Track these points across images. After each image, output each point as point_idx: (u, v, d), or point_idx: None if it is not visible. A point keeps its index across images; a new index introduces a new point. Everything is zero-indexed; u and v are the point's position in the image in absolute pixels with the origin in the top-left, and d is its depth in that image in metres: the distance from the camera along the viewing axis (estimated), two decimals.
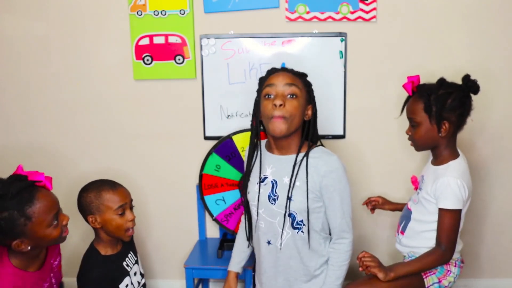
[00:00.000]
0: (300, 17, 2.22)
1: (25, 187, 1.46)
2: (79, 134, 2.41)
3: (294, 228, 1.63)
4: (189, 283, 2.18)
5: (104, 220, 1.68)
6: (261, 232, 1.69)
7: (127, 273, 1.75)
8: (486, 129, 2.30)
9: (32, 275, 1.56)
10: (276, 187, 1.64)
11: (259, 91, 1.67)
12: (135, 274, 1.80)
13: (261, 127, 1.74)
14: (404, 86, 1.79)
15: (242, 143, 2.25)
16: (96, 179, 1.77)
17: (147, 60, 2.30)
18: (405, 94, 2.27)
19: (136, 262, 1.84)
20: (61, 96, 2.38)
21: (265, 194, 1.66)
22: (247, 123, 2.32)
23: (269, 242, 1.68)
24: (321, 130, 2.26)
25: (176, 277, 2.50)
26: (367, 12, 2.19)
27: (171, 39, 2.27)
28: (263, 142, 1.77)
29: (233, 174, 2.29)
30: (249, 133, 2.22)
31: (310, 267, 1.66)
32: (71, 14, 2.29)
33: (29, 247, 1.45)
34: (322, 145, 1.72)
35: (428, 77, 2.26)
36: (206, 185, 2.31)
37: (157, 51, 2.28)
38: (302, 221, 1.62)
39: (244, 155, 2.28)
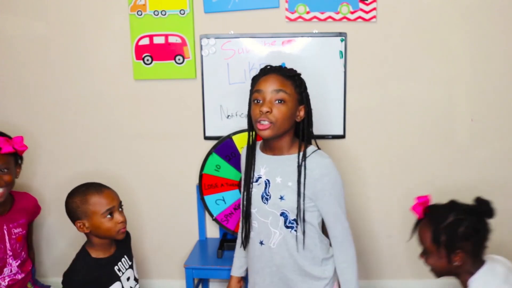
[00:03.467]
0: (300, 17, 2.22)
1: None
2: (79, 134, 2.41)
3: (286, 227, 1.63)
4: (189, 283, 2.18)
5: (92, 225, 1.65)
6: (255, 232, 1.70)
7: (117, 278, 1.71)
8: (486, 129, 2.30)
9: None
10: (269, 186, 1.65)
11: (250, 94, 1.67)
12: (128, 279, 1.76)
13: None
14: (412, 209, 1.63)
15: (242, 143, 2.25)
16: (82, 183, 1.74)
17: (147, 60, 2.30)
18: (406, 95, 2.29)
19: (131, 266, 1.80)
20: (61, 96, 2.38)
21: (258, 194, 1.67)
22: (247, 123, 2.32)
23: (261, 242, 1.68)
24: (321, 130, 2.28)
25: (176, 277, 2.50)
26: (367, 12, 2.19)
27: (171, 39, 2.27)
28: (258, 143, 1.77)
29: (233, 174, 2.29)
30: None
31: (305, 266, 1.66)
32: (71, 14, 2.29)
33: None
34: (317, 146, 1.71)
35: (428, 77, 2.27)
36: (206, 185, 2.31)
37: (157, 51, 2.28)
38: (294, 220, 1.62)
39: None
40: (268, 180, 1.66)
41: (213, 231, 2.47)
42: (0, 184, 1.87)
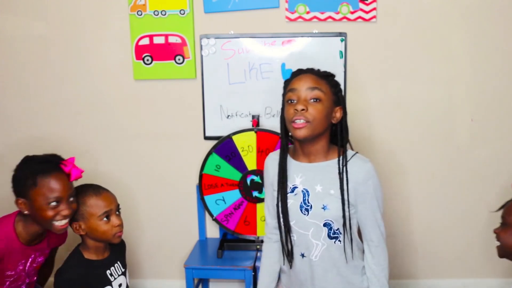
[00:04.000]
0: (300, 17, 2.22)
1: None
2: (79, 134, 2.41)
3: (330, 238, 1.54)
4: (189, 283, 2.18)
5: (88, 227, 1.64)
6: (294, 245, 1.59)
7: (109, 283, 1.69)
8: (486, 129, 2.30)
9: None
10: (308, 196, 1.55)
11: (283, 95, 1.59)
12: (119, 286, 1.74)
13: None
14: None
15: (242, 143, 2.26)
16: (80, 184, 1.73)
17: (147, 60, 2.30)
18: (406, 95, 2.29)
19: (123, 274, 1.77)
20: (61, 96, 2.38)
21: (296, 205, 1.55)
22: (247, 123, 2.32)
23: (303, 255, 1.58)
24: None
25: (176, 277, 2.50)
26: (367, 12, 2.19)
27: (171, 39, 2.27)
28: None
29: (233, 174, 2.29)
30: (248, 133, 2.25)
31: (348, 277, 1.58)
32: (71, 14, 2.29)
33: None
34: (352, 149, 1.64)
35: (428, 77, 2.27)
36: (206, 185, 2.31)
37: (157, 51, 2.28)
38: (338, 229, 1.54)
39: (245, 155, 2.27)
40: (306, 190, 1.55)
41: (213, 231, 2.47)
42: (68, 214, 1.64)
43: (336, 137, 1.58)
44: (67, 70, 2.35)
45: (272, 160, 1.65)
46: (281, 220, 1.58)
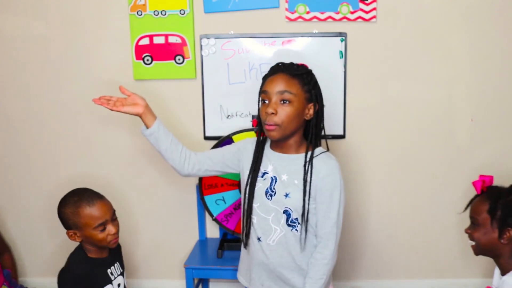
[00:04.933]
0: (300, 17, 2.22)
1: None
2: (79, 134, 2.41)
3: (288, 225, 1.63)
4: (189, 283, 2.18)
5: (84, 235, 1.64)
6: (253, 227, 1.68)
7: (109, 281, 1.71)
8: (486, 129, 2.30)
9: None
10: (275, 183, 1.64)
11: (259, 91, 1.68)
12: (118, 285, 1.76)
13: None
14: (474, 183, 1.69)
15: None
16: (75, 189, 1.71)
17: (147, 60, 2.30)
18: (406, 95, 2.29)
19: (122, 274, 1.79)
20: (61, 96, 2.37)
21: (263, 189, 1.66)
22: (247, 123, 2.32)
23: (259, 239, 1.67)
24: None
25: (176, 277, 2.50)
26: (367, 12, 2.19)
27: (171, 39, 2.27)
28: (269, 139, 1.75)
29: (233, 174, 2.27)
30: (249, 133, 2.25)
31: (303, 265, 1.64)
32: (71, 14, 2.29)
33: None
34: (327, 146, 1.71)
35: (428, 77, 2.27)
36: (206, 185, 2.31)
37: (157, 51, 2.28)
38: (296, 219, 1.62)
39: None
40: (275, 177, 1.65)
41: (213, 231, 2.47)
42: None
43: (309, 132, 1.65)
44: (67, 70, 2.35)
45: (250, 146, 1.76)
46: (246, 201, 1.68)
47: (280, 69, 1.63)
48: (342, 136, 2.32)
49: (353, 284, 2.46)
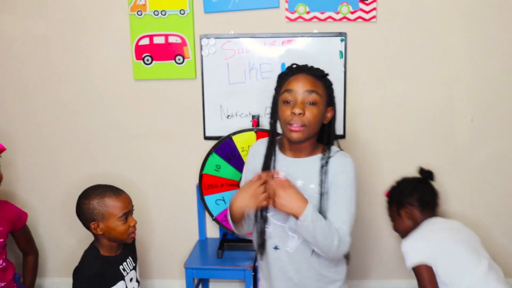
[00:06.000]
0: (300, 17, 2.22)
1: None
2: (79, 134, 2.41)
3: None
4: (189, 283, 2.18)
5: (107, 226, 1.67)
6: (267, 237, 1.61)
7: (122, 277, 1.73)
8: (486, 129, 2.30)
9: None
10: None
11: (277, 91, 1.59)
12: (131, 280, 1.77)
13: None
14: (385, 195, 2.11)
15: (242, 143, 2.25)
16: (96, 184, 1.74)
17: (147, 60, 2.30)
18: (406, 95, 2.30)
19: (134, 268, 1.81)
20: (61, 96, 2.38)
21: None
22: (247, 123, 2.32)
23: (276, 247, 1.60)
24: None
25: (176, 277, 2.50)
26: (367, 12, 2.19)
27: (171, 39, 2.27)
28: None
29: (233, 174, 2.29)
30: (249, 133, 2.25)
31: (322, 269, 1.59)
32: (71, 14, 2.29)
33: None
34: (339, 147, 1.66)
35: (428, 77, 2.27)
36: (206, 185, 2.31)
37: (157, 51, 2.28)
38: None
39: (245, 155, 2.27)
40: None
41: (213, 231, 2.47)
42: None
43: (323, 135, 1.61)
44: (67, 70, 2.35)
45: (262, 148, 1.65)
46: (259, 211, 1.58)
47: (302, 70, 1.56)
48: (342, 136, 2.32)
49: (353, 284, 2.46)
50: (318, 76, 1.56)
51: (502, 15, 2.20)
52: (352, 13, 2.20)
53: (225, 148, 2.27)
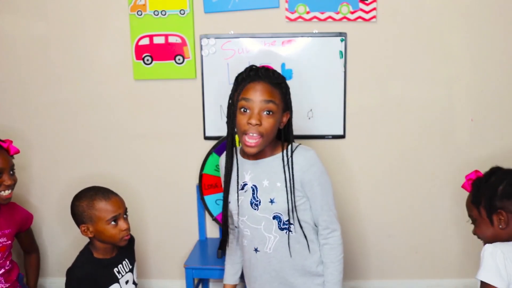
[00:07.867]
0: (300, 17, 2.22)
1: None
2: (79, 134, 2.41)
3: (281, 229, 1.59)
4: (189, 283, 2.18)
5: (96, 230, 1.65)
6: (247, 240, 1.65)
7: (116, 280, 1.71)
8: (486, 129, 2.30)
9: None
10: (257, 192, 1.60)
11: (233, 96, 1.59)
12: (126, 282, 1.76)
13: None
14: (463, 187, 1.61)
15: None
16: (90, 186, 1.74)
17: (147, 60, 2.30)
18: (406, 95, 2.29)
19: (131, 270, 1.80)
20: (61, 96, 2.38)
21: (247, 201, 1.61)
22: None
23: (256, 250, 1.63)
24: (321, 130, 2.30)
25: (176, 277, 2.50)
26: (367, 12, 2.19)
27: (171, 39, 2.27)
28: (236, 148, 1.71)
29: None
30: None
31: (305, 265, 1.63)
32: (71, 14, 2.29)
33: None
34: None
35: (428, 77, 2.27)
36: (206, 185, 2.31)
37: (157, 51, 2.28)
38: (288, 220, 1.59)
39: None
40: (255, 186, 1.61)
41: (213, 231, 2.47)
42: (11, 185, 1.87)
43: (281, 137, 1.63)
44: (67, 70, 2.35)
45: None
46: (235, 217, 1.66)
47: (259, 77, 1.55)
48: (342, 136, 2.32)
49: (353, 284, 2.46)
50: (276, 84, 1.56)
51: (502, 15, 2.20)
52: (352, 13, 2.20)
53: (225, 148, 2.26)
